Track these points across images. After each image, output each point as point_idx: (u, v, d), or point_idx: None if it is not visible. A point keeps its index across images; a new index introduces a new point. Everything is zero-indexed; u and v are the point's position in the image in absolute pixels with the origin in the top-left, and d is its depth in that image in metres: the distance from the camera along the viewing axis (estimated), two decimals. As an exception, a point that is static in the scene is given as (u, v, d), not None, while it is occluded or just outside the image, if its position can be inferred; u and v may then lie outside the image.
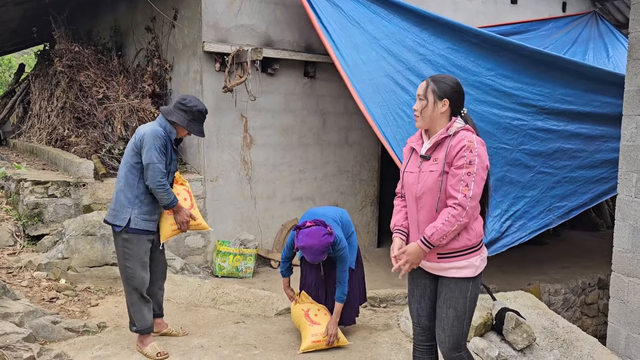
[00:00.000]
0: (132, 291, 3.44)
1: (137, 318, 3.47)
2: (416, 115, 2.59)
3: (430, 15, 5.43)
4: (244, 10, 6.13)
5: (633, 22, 4.29)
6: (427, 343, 2.73)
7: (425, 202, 2.51)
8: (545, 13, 8.64)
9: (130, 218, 3.34)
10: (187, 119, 3.40)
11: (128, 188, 3.36)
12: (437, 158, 2.50)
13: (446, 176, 2.46)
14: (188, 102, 3.41)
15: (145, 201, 3.39)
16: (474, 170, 2.41)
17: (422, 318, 2.70)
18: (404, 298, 4.99)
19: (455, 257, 2.51)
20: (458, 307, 2.53)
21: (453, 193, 2.43)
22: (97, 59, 7.21)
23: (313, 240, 3.43)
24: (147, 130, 3.35)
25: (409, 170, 2.63)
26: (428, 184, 2.50)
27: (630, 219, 4.35)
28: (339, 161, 7.01)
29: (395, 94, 5.16)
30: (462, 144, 2.44)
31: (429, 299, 2.67)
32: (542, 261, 6.98)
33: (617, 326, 4.49)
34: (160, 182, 3.31)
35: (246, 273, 5.93)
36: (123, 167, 3.41)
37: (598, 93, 5.44)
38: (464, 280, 2.53)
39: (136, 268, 3.40)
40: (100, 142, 6.29)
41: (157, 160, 3.29)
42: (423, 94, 2.56)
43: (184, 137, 3.59)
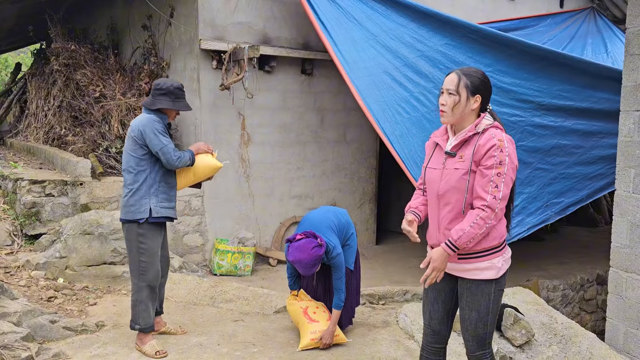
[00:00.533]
0: (144, 287, 3.44)
1: (142, 316, 3.46)
2: (443, 111, 2.44)
3: (428, 11, 5.41)
4: (241, 7, 6.11)
5: (630, 17, 4.29)
6: (437, 345, 2.65)
7: (448, 201, 2.42)
8: (542, 9, 8.63)
9: (151, 208, 3.37)
10: (171, 99, 3.44)
11: (141, 181, 3.38)
12: (463, 155, 2.41)
13: (473, 175, 2.37)
14: (164, 85, 3.43)
15: (161, 189, 3.44)
16: (504, 171, 2.32)
17: (434, 321, 2.62)
18: (403, 295, 4.99)
19: (477, 258, 2.42)
20: (481, 310, 2.46)
21: (482, 194, 2.33)
22: (93, 58, 7.18)
23: (302, 254, 3.42)
24: (143, 121, 3.38)
25: (432, 166, 2.54)
26: (452, 181, 2.40)
27: (628, 214, 4.35)
28: (337, 158, 7.00)
29: (393, 90, 5.15)
30: (492, 142, 2.34)
31: (442, 302, 2.59)
32: (541, 257, 6.99)
33: (615, 321, 4.50)
34: (178, 158, 3.38)
35: (245, 271, 5.93)
36: (129, 163, 3.41)
37: (596, 89, 5.44)
38: (485, 283, 2.44)
39: (151, 261, 3.43)
40: (98, 141, 6.27)
41: (166, 142, 3.35)
42: (455, 89, 2.41)
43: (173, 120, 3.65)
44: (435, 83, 5.19)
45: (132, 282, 3.48)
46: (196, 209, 6.04)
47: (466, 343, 2.56)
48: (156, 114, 3.45)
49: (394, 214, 8.14)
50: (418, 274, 6.15)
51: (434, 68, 5.21)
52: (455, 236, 2.34)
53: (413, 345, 3.77)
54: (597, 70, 5.44)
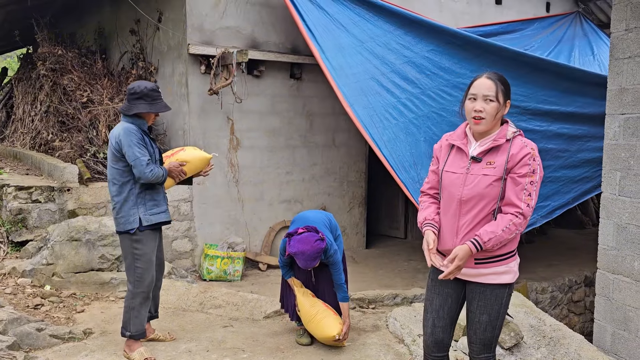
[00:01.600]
0: (139, 293, 3.43)
1: (134, 322, 3.44)
2: (482, 118, 2.37)
3: (414, 17, 5.47)
4: (229, 12, 6.10)
5: (615, 21, 4.34)
6: (439, 354, 2.62)
7: (474, 207, 2.37)
8: (529, 13, 8.72)
9: (140, 217, 3.37)
10: (147, 102, 3.38)
11: (127, 192, 3.37)
12: (492, 162, 2.37)
13: (503, 182, 2.34)
14: (137, 88, 3.37)
15: (148, 197, 3.42)
16: (537, 180, 2.34)
17: (437, 329, 2.56)
18: (393, 299, 5.00)
19: (496, 263, 2.41)
20: (492, 313, 2.46)
21: (516, 201, 2.32)
22: (80, 62, 7.13)
23: (305, 246, 3.40)
24: (120, 132, 3.34)
25: (451, 170, 2.46)
26: (479, 188, 2.36)
27: (615, 216, 4.39)
28: (326, 163, 7.00)
29: (381, 96, 5.18)
30: (526, 151, 2.35)
31: (449, 309, 2.56)
32: (530, 260, 7.03)
33: (603, 323, 4.54)
34: (150, 171, 3.30)
35: (234, 276, 5.90)
36: (113, 175, 3.41)
37: (579, 93, 5.52)
38: (500, 287, 2.44)
39: (146, 267, 3.43)
40: (85, 146, 6.21)
41: (140, 154, 3.29)
42: (494, 95, 2.37)
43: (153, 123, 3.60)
44: (422, 89, 5.23)
45: (128, 288, 3.47)
46: (185, 214, 6.01)
47: (472, 346, 2.55)
48: (134, 121, 3.39)
49: (383, 217, 8.16)
50: (408, 278, 6.17)
51: (420, 74, 5.26)
52: (485, 238, 2.31)
53: (403, 349, 3.77)
54: (580, 75, 5.53)
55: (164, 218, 3.51)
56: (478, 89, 2.41)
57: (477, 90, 2.41)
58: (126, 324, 3.46)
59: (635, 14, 4.17)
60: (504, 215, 2.35)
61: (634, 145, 4.21)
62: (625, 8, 4.25)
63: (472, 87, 2.44)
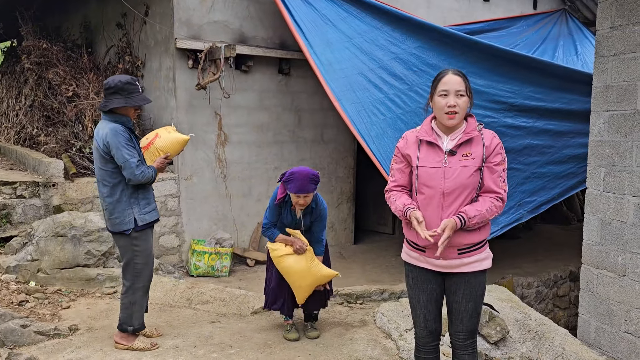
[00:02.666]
0: (139, 289, 3.46)
1: (136, 317, 3.48)
2: (456, 112, 2.45)
3: (402, 15, 5.50)
4: (217, 6, 6.06)
5: (600, 19, 4.38)
6: (433, 343, 2.71)
7: (457, 198, 2.45)
8: (517, 10, 8.77)
9: (135, 218, 3.35)
10: (123, 96, 3.27)
11: (119, 193, 3.33)
12: (469, 153, 2.46)
13: (481, 172, 2.47)
14: (112, 82, 3.27)
15: (141, 195, 3.40)
16: (506, 167, 2.54)
17: (430, 322, 2.66)
18: (380, 294, 5.01)
19: (477, 250, 2.53)
20: (477, 299, 2.56)
21: (495, 188, 2.47)
22: (66, 56, 7.04)
23: (302, 169, 3.47)
24: (107, 132, 3.25)
25: (427, 165, 2.50)
26: (462, 179, 2.44)
27: (599, 212, 4.45)
28: (314, 158, 7.00)
29: (368, 92, 5.20)
30: (497, 141, 2.50)
31: (436, 302, 2.64)
32: (516, 255, 7.10)
33: (587, 317, 4.60)
34: (141, 172, 3.27)
35: (222, 272, 5.89)
36: (102, 176, 3.35)
37: (565, 90, 5.59)
38: (481, 273, 2.56)
39: (146, 262, 3.44)
40: (71, 141, 6.15)
41: (129, 156, 3.24)
42: (464, 90, 2.47)
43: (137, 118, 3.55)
44: (410, 85, 5.26)
45: (125, 284, 3.46)
46: (172, 209, 5.98)
47: (458, 335, 2.62)
48: (118, 118, 3.30)
49: (371, 213, 8.18)
50: (396, 273, 6.19)
51: (408, 70, 5.30)
52: (470, 214, 2.41)
53: (390, 344, 3.79)
54: (565, 73, 5.62)
55: (156, 216, 3.51)
56: (449, 85, 2.47)
57: (449, 86, 2.47)
58: (128, 318, 3.47)
59: (620, 12, 4.22)
60: (487, 196, 2.47)
61: (618, 141, 4.27)
62: (611, 6, 4.29)
63: (442, 83, 2.50)
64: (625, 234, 4.22)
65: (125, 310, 3.47)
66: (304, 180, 3.42)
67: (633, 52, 4.12)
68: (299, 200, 3.51)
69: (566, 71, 5.63)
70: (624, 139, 4.22)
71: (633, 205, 4.16)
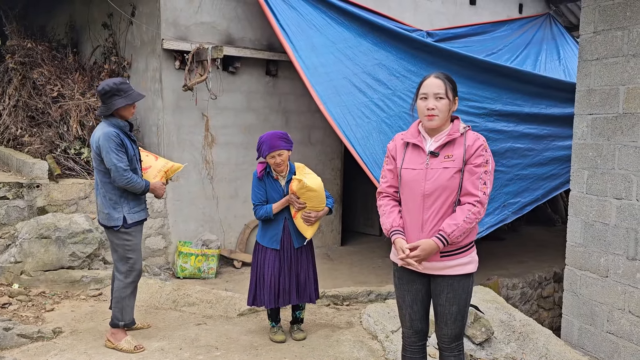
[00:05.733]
0: (130, 284, 3.57)
1: (126, 312, 3.56)
2: (435, 115, 2.47)
3: (384, 25, 5.65)
4: (205, 7, 6.05)
5: (583, 24, 4.45)
6: (419, 343, 2.73)
7: (437, 199, 2.46)
8: (502, 14, 8.85)
9: (124, 216, 3.48)
10: (122, 96, 3.43)
11: (109, 191, 3.48)
12: (450, 155, 2.47)
13: (462, 174, 2.45)
14: (107, 87, 3.41)
15: (130, 196, 3.52)
16: (490, 169, 2.48)
17: (415, 322, 2.67)
18: (367, 295, 5.03)
19: (461, 254, 2.51)
20: (461, 303, 2.55)
21: (473, 191, 2.43)
22: (51, 56, 6.96)
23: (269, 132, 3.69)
24: (101, 135, 3.42)
25: (410, 166, 2.53)
26: (441, 180, 2.45)
27: (582, 214, 4.51)
28: (301, 160, 6.92)
29: (353, 96, 5.27)
30: (479, 143, 2.48)
31: (421, 302, 2.64)
32: (501, 256, 7.16)
33: (570, 318, 4.66)
34: (127, 179, 3.42)
35: (209, 274, 5.86)
36: (97, 174, 3.53)
37: (543, 96, 5.87)
38: (466, 277, 2.54)
39: (137, 257, 3.56)
40: (56, 142, 6.08)
41: (117, 161, 3.38)
42: (444, 92, 2.48)
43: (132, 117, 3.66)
44: (393, 90, 5.37)
45: (118, 280, 3.56)
46: (159, 211, 5.94)
47: (443, 338, 2.63)
48: (115, 123, 3.46)
49: (358, 215, 8.20)
50: (383, 275, 6.22)
51: (391, 76, 5.42)
52: (448, 230, 2.41)
53: (376, 345, 3.80)
54: (542, 80, 5.88)
55: (144, 215, 3.66)
56: (428, 88, 2.51)
57: (428, 90, 2.51)
58: (119, 314, 3.55)
59: (603, 17, 4.29)
60: (462, 206, 2.45)
61: (601, 144, 4.33)
62: (594, 11, 4.36)
63: (423, 86, 2.54)
64: (608, 235, 4.28)
65: (117, 304, 3.56)
66: (272, 137, 3.61)
67: (615, 56, 4.19)
68: (275, 160, 3.63)
69: (542, 79, 5.93)
70: (607, 142, 4.28)
71: (615, 207, 4.22)
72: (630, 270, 4.12)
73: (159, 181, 3.72)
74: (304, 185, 3.59)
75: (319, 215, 3.74)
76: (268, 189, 3.73)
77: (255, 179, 3.75)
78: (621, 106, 4.16)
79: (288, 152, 3.68)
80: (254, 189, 3.74)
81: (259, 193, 3.74)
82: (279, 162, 3.64)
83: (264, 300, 3.71)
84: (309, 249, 3.86)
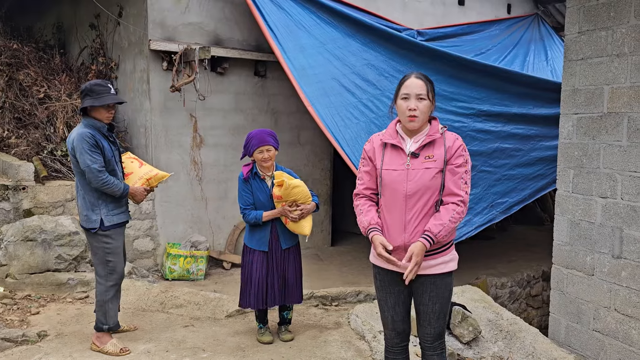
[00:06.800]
0: (111, 287, 3.52)
1: (110, 315, 3.53)
2: (416, 116, 2.46)
3: (373, 25, 5.64)
4: (192, 8, 6.02)
5: (568, 24, 4.48)
6: (402, 344, 2.73)
7: (419, 200, 2.46)
8: (491, 14, 8.89)
9: (102, 218, 3.45)
10: (93, 97, 3.42)
11: (88, 193, 3.46)
12: (431, 155, 2.47)
13: (443, 174, 2.46)
14: (83, 86, 3.47)
15: (109, 199, 3.49)
16: (469, 169, 2.51)
17: (398, 323, 2.68)
18: (356, 296, 5.03)
19: (443, 252, 2.53)
20: (443, 301, 2.57)
21: (456, 190, 2.45)
22: (38, 57, 6.91)
23: (256, 130, 3.71)
24: (75, 137, 3.42)
25: (391, 167, 2.53)
26: (424, 180, 2.45)
27: (569, 213, 4.54)
28: (291, 161, 6.98)
29: (342, 96, 5.27)
30: (459, 143, 2.51)
31: (403, 303, 2.65)
32: (490, 256, 7.19)
33: (557, 316, 4.68)
34: (102, 180, 3.38)
35: (198, 275, 5.84)
36: (75, 175, 3.53)
37: (530, 97, 5.89)
38: (448, 275, 2.56)
39: (117, 260, 3.53)
40: (42, 144, 6.04)
41: (90, 162, 3.36)
42: (425, 93, 2.48)
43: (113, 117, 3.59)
44: (382, 90, 5.37)
45: (99, 284, 3.53)
46: (147, 212, 5.91)
47: (425, 337, 2.63)
48: (91, 123, 3.44)
49: (348, 215, 8.19)
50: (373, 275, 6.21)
51: (380, 76, 5.43)
52: (435, 230, 2.42)
53: (363, 345, 3.81)
54: (528, 80, 5.92)
55: (124, 218, 3.61)
56: (410, 89, 2.50)
57: (410, 90, 2.50)
58: (102, 317, 3.53)
59: (587, 17, 4.32)
60: (446, 206, 2.47)
61: (587, 144, 4.36)
62: (578, 11, 4.39)
63: (404, 87, 2.53)
64: (594, 234, 4.31)
65: (100, 308, 3.53)
66: (262, 133, 3.65)
67: (600, 56, 4.22)
68: (264, 155, 3.63)
69: (530, 79, 5.96)
70: (592, 141, 4.31)
71: (600, 206, 4.25)
72: (616, 268, 4.15)
73: (140, 186, 3.65)
74: (287, 185, 3.58)
75: (307, 208, 3.75)
76: (254, 191, 3.71)
77: (241, 182, 3.74)
78: (605, 106, 4.19)
79: (275, 150, 3.69)
80: (241, 192, 3.73)
81: (246, 196, 3.72)
82: (267, 158, 3.65)
83: (251, 301, 3.70)
84: (297, 251, 3.86)
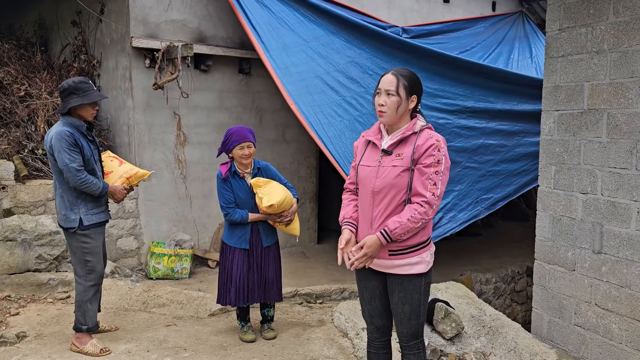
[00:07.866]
0: (90, 287, 3.49)
1: (89, 315, 3.51)
2: (383, 112, 2.47)
3: (357, 22, 5.62)
4: (175, 5, 5.97)
5: (549, 21, 4.50)
6: (382, 339, 2.73)
7: (385, 197, 2.46)
8: (476, 12, 8.92)
9: (81, 217, 3.42)
10: (79, 95, 3.37)
11: (66, 192, 3.42)
12: (401, 154, 2.46)
13: (411, 173, 2.43)
14: (66, 85, 3.40)
15: (88, 198, 3.45)
16: (442, 170, 2.42)
17: (375, 318, 2.68)
18: (340, 293, 5.03)
19: (409, 254, 2.49)
20: (413, 303, 2.54)
21: (422, 191, 2.41)
22: (18, 55, 6.82)
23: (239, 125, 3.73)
24: (53, 135, 3.37)
25: (365, 163, 2.56)
26: (389, 178, 2.45)
27: (550, 209, 4.57)
28: (276, 158, 6.96)
29: (325, 95, 5.26)
30: (431, 142, 2.42)
31: (379, 298, 2.64)
32: (476, 252, 7.23)
33: (540, 311, 4.72)
34: (81, 180, 3.34)
35: (182, 274, 5.80)
36: (54, 174, 3.49)
37: (514, 93, 5.91)
38: (416, 277, 2.52)
39: (96, 260, 3.49)
40: (23, 142, 5.95)
41: (69, 161, 3.32)
42: (394, 89, 2.45)
43: (94, 116, 3.59)
44: (366, 88, 5.36)
45: (78, 283, 3.51)
46: (130, 211, 5.86)
47: (400, 336, 2.64)
48: (70, 122, 3.39)
49: (334, 212, 8.17)
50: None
51: (364, 74, 5.42)
52: (392, 226, 2.40)
53: (346, 343, 3.80)
54: (513, 77, 5.97)
55: (103, 217, 3.57)
56: (382, 84, 2.51)
57: (381, 85, 2.51)
58: (81, 318, 3.50)
59: (567, 14, 4.34)
60: (410, 205, 2.44)
61: (567, 140, 4.39)
62: (559, 9, 4.41)
63: (380, 82, 2.54)
64: (575, 229, 4.34)
65: (79, 308, 3.50)
66: (241, 130, 3.64)
67: (580, 53, 4.25)
68: (243, 152, 3.62)
69: (514, 76, 6.00)
70: (573, 138, 4.34)
71: (581, 202, 4.28)
72: (596, 263, 4.18)
73: (120, 185, 3.62)
74: (277, 207, 3.64)
75: (292, 211, 3.78)
76: (235, 189, 3.69)
77: (220, 181, 3.70)
78: (586, 102, 4.22)
79: (254, 148, 3.69)
80: (221, 190, 3.70)
81: (226, 194, 3.69)
82: (247, 154, 3.64)
83: (231, 298, 3.67)
84: (277, 248, 3.85)
